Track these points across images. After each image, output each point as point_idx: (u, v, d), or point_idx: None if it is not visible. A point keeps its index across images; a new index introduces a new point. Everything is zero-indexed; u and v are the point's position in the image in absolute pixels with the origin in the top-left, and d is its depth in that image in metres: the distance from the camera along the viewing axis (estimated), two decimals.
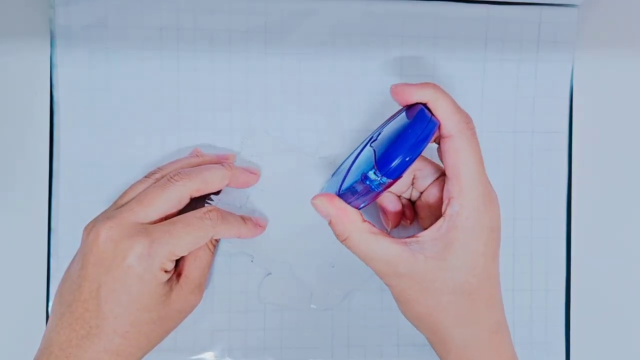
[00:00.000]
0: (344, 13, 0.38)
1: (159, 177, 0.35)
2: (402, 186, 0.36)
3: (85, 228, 0.32)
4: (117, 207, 0.33)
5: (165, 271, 0.32)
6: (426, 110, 0.31)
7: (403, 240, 0.31)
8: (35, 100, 0.37)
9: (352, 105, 0.39)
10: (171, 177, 0.33)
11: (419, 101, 0.31)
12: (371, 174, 0.30)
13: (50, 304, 0.37)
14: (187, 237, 0.32)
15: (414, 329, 0.32)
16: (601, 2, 0.40)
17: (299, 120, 0.38)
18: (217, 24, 0.37)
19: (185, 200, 0.34)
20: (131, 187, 0.34)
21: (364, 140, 0.34)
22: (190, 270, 0.34)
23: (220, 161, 0.37)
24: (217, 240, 0.37)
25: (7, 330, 0.37)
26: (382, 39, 0.38)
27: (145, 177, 0.35)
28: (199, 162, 0.36)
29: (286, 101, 0.38)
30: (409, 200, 0.37)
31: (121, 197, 0.34)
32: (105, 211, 0.33)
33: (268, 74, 0.38)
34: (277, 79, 0.38)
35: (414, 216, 0.37)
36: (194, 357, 0.37)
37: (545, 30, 0.39)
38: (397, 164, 0.29)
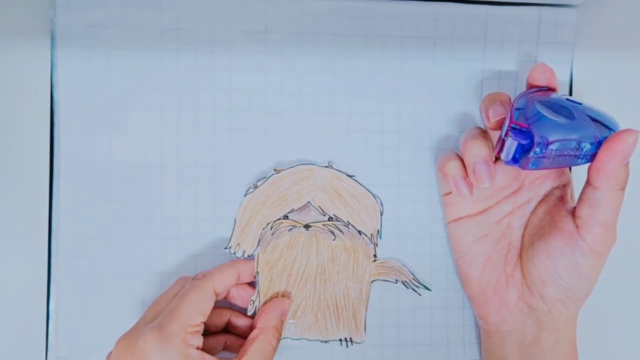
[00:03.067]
0: (343, 13, 0.38)
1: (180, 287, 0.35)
2: (512, 180, 0.36)
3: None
4: (146, 321, 0.33)
5: (197, 348, 0.32)
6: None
7: None
8: (36, 100, 0.37)
9: (352, 106, 0.39)
10: (193, 279, 0.35)
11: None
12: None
13: (51, 303, 0.37)
14: (191, 304, 0.33)
15: (414, 328, 0.31)
16: (601, 2, 0.41)
17: (299, 121, 0.38)
18: (217, 24, 0.37)
19: (211, 296, 0.34)
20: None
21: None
22: (247, 357, 0.34)
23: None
24: (278, 333, 0.36)
25: (7, 330, 0.37)
26: (382, 39, 0.38)
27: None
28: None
29: (286, 101, 0.38)
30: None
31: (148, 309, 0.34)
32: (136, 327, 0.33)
33: (268, 74, 0.38)
34: (277, 79, 0.38)
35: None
36: None
37: (545, 31, 0.39)
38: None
